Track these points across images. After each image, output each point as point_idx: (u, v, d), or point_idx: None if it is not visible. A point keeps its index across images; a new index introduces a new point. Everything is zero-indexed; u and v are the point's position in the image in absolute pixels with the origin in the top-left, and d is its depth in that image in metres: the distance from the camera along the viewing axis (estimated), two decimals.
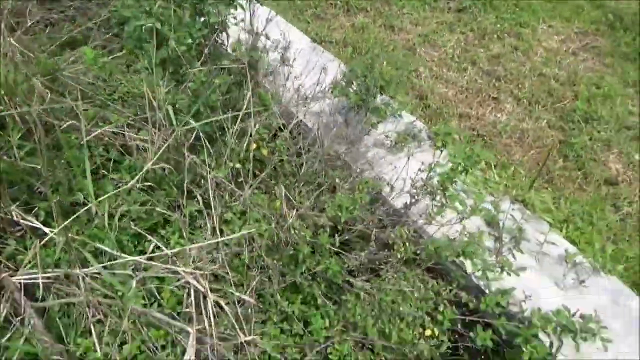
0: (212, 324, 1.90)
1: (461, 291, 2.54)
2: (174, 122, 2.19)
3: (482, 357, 2.68)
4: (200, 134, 2.38)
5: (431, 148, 3.53)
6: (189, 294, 2.03)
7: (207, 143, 2.43)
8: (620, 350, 2.44)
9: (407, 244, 2.34)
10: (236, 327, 1.93)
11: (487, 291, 2.58)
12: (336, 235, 2.32)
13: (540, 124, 4.18)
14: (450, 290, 2.51)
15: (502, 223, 2.95)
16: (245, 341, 1.91)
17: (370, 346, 2.34)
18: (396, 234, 2.35)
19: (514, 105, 4.38)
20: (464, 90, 4.49)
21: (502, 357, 2.60)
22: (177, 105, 2.44)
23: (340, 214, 2.23)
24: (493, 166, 3.44)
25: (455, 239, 2.51)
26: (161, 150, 2.26)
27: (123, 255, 2.14)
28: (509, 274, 2.44)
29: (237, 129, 2.48)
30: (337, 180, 2.37)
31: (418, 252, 2.43)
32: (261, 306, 2.34)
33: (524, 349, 2.20)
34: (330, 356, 2.20)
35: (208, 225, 2.38)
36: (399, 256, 2.34)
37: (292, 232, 2.16)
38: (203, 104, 2.41)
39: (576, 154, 3.92)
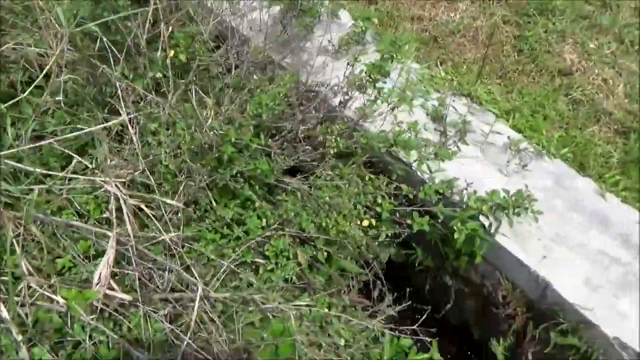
0: (133, 227, 1.86)
1: (404, 185, 2.52)
2: (63, 21, 2.00)
3: (433, 247, 2.71)
4: (107, 42, 2.20)
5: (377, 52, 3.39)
6: (111, 204, 1.96)
7: (120, 54, 2.27)
8: (565, 229, 2.47)
9: (338, 139, 2.27)
10: (160, 228, 1.89)
11: (430, 183, 2.56)
12: (262, 134, 2.23)
13: (494, 20, 4.01)
14: (390, 184, 2.48)
15: (445, 116, 2.89)
16: (171, 239, 1.87)
17: (311, 242, 2.34)
18: (327, 130, 2.27)
19: (468, 4, 4.18)
20: None
21: (451, 246, 2.62)
22: (77, 11, 2.24)
23: (261, 110, 2.13)
24: (439, 63, 3.31)
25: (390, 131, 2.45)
26: (64, 58, 2.10)
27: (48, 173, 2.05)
28: (442, 160, 2.39)
29: (149, 35, 2.31)
30: (254, 77, 2.25)
31: (354, 146, 2.36)
32: (198, 213, 2.30)
33: (455, 227, 2.21)
34: (266, 252, 2.19)
35: (134, 138, 2.28)
36: (332, 152, 2.27)
37: (213, 134, 2.06)
38: (106, 9, 2.21)
39: (530, 47, 3.79)
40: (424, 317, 2.55)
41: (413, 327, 2.20)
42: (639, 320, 2.14)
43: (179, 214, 2.09)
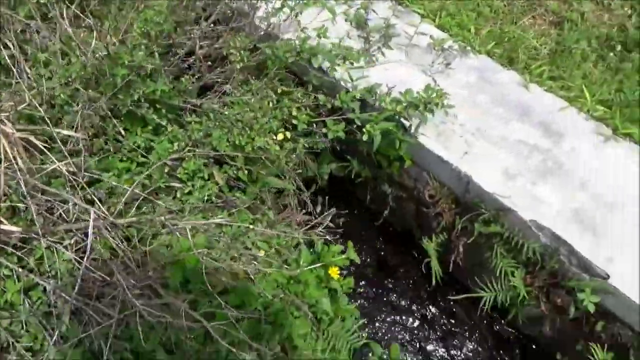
0: (24, 160, 1.78)
1: (321, 95, 2.44)
2: None
3: (367, 158, 2.69)
4: None
5: None
6: None
7: None
8: (487, 123, 2.43)
9: (242, 52, 2.15)
10: (54, 159, 1.82)
11: (346, 91, 2.48)
12: (156, 54, 2.10)
13: None
14: (309, 95, 2.40)
15: (366, 21, 2.75)
16: (68, 170, 1.81)
17: (232, 161, 2.29)
18: (230, 44, 2.14)
19: None
20: None
21: (383, 154, 2.59)
22: None
23: (148, 28, 1.99)
24: None
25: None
26: None
27: None
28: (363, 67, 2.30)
29: None
30: None
31: (262, 59, 2.25)
32: (110, 144, 2.22)
33: (364, 130, 2.16)
34: (178, 175, 2.14)
35: (26, 69, 2.15)
36: (238, 67, 2.16)
37: (103, 58, 1.94)
38: None
39: None
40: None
41: (338, 231, 2.21)
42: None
43: (80, 145, 2.01)
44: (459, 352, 2.68)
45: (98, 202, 1.86)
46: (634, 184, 2.21)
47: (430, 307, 2.79)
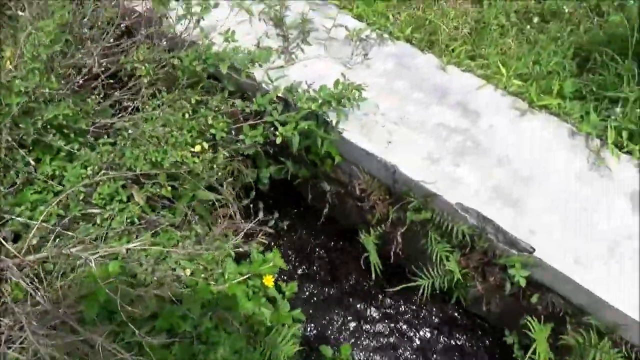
0: None
1: (238, 100, 2.39)
2: None
3: (296, 159, 2.66)
4: None
5: None
6: None
7: None
8: (407, 110, 2.43)
9: (146, 65, 2.08)
10: None
11: (262, 93, 2.43)
12: (53, 77, 2.01)
13: None
14: (226, 101, 2.35)
15: (283, 18, 2.71)
16: None
17: (153, 179, 2.22)
18: (132, 59, 2.07)
19: None
20: None
21: (313, 152, 2.57)
22: None
23: (40, 51, 1.90)
24: None
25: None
26: None
27: None
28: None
29: None
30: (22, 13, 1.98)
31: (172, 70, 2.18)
32: (20, 175, 2.13)
33: (276, 134, 2.13)
34: (93, 201, 2.07)
35: None
36: (145, 82, 2.09)
37: None
38: None
39: None
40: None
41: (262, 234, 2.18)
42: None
43: None
44: (412, 342, 2.70)
45: (4, 242, 1.78)
46: (548, 155, 2.24)
47: (379, 300, 2.79)
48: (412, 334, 2.70)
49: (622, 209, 2.10)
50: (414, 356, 2.64)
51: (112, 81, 2.22)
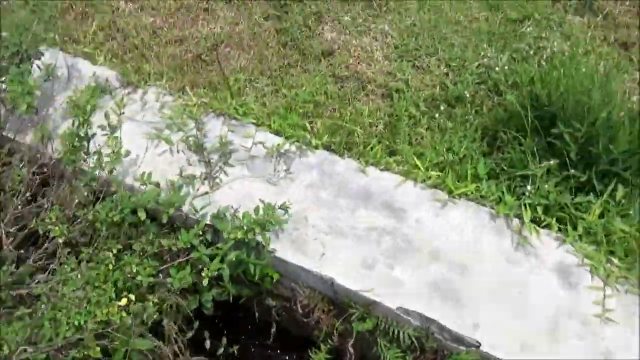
0: None
1: (165, 239, 2.35)
2: None
3: (236, 280, 2.59)
4: None
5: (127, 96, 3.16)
6: None
7: None
8: (336, 218, 2.46)
9: (60, 225, 2.03)
10: None
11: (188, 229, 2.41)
12: None
13: (255, 19, 3.95)
14: (151, 243, 2.31)
15: (203, 144, 2.77)
16: None
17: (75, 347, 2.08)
18: (44, 222, 2.02)
19: (225, 10, 4.07)
20: (171, 13, 4.06)
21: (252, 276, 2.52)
22: None
23: None
24: (189, 88, 3.16)
25: None
26: None
27: None
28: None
29: None
30: None
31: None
32: None
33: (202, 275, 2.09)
34: None
35: None
36: (60, 241, 2.02)
37: None
38: None
39: (292, 37, 3.79)
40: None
41: None
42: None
43: None
44: None
45: None
46: (475, 242, 2.30)
47: None
48: None
49: (553, 286, 2.15)
50: None
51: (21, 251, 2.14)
